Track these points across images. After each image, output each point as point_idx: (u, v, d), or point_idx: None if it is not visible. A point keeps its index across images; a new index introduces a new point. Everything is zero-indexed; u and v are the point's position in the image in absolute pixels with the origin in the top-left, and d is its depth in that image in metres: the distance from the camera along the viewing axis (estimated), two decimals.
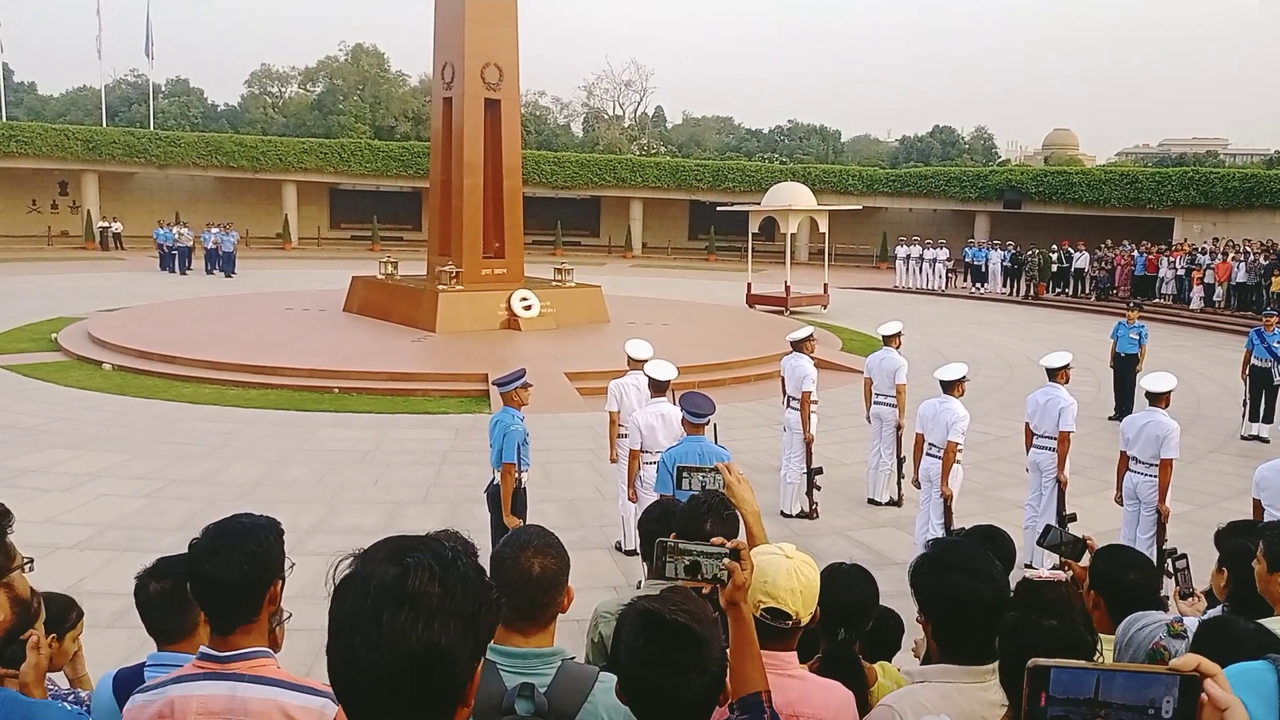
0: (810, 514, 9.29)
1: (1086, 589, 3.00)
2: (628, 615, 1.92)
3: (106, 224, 39.04)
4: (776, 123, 72.37)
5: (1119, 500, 7.79)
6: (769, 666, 2.20)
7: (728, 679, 1.98)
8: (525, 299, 19.76)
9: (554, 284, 21.46)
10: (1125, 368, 14.18)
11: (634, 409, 8.18)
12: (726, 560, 2.00)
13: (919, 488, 8.26)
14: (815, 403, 9.57)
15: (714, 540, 2.06)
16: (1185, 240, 31.66)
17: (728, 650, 2.02)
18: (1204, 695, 1.09)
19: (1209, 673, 1.09)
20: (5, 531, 1.89)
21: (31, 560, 1.99)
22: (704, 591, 2.08)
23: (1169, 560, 3.73)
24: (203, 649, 2.24)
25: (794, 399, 9.53)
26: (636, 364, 8.57)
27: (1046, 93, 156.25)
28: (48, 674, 2.49)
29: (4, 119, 42.99)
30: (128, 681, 2.46)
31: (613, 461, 8.73)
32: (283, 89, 60.19)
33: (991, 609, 2.26)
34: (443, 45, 20.89)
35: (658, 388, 7.77)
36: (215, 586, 2.18)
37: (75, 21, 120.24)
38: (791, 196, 27.01)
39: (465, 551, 1.39)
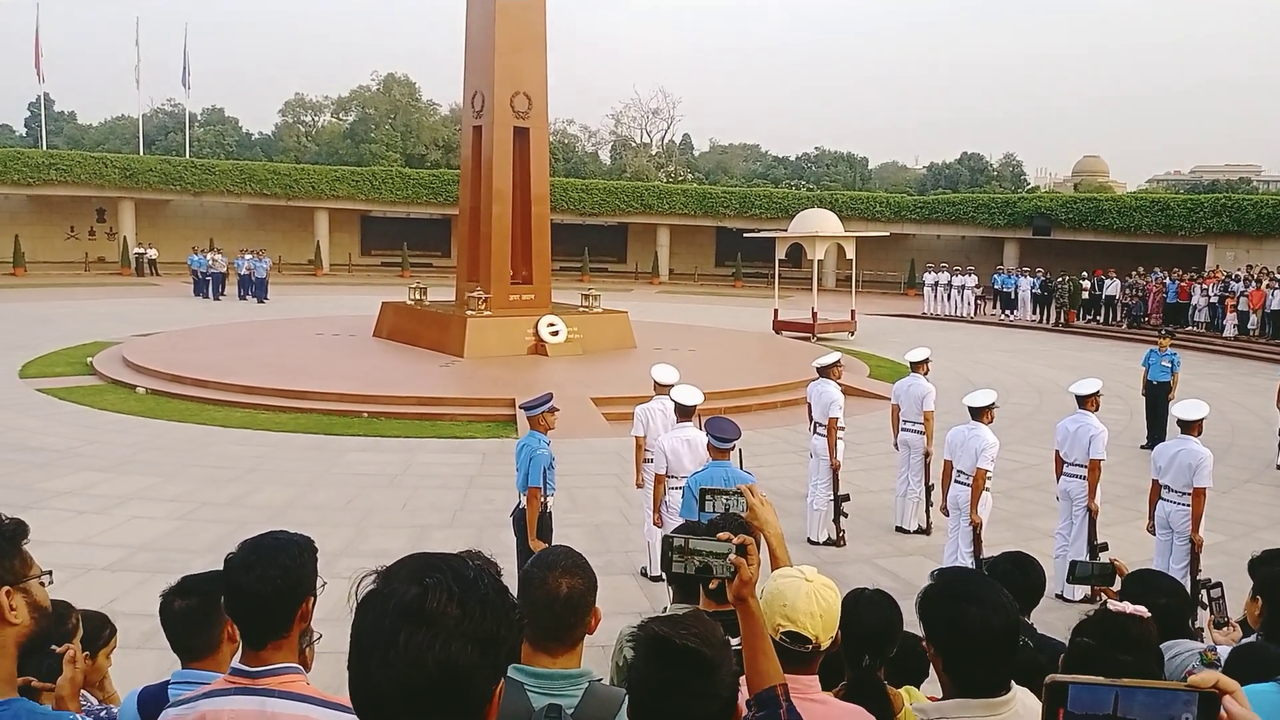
0: (837, 541, 9.22)
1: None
2: (638, 640, 1.93)
3: (142, 250, 39.72)
4: (804, 150, 72.87)
5: (1151, 530, 7.68)
6: (789, 691, 2.19)
7: (740, 698, 1.97)
8: (552, 324, 19.86)
9: (581, 310, 21.56)
10: (1157, 396, 14.01)
11: (660, 434, 8.18)
12: (732, 556, 2.01)
13: (948, 515, 8.20)
14: (842, 429, 9.52)
15: (720, 535, 2.07)
16: (1218, 267, 31.32)
17: (740, 677, 2.01)
18: (1223, 712, 1.09)
19: (1228, 689, 1.09)
20: (20, 540, 1.95)
21: (50, 573, 2.04)
22: (711, 586, 2.08)
23: (1204, 590, 3.69)
24: (234, 664, 2.27)
25: (820, 425, 9.49)
26: (663, 389, 8.59)
27: (1076, 120, 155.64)
28: (81, 690, 2.54)
29: (44, 148, 43.98)
30: (152, 699, 2.50)
31: (638, 486, 8.74)
32: (316, 118, 61.22)
33: (1002, 639, 2.24)
34: (473, 75, 21.19)
35: (684, 413, 7.78)
36: (249, 599, 2.21)
37: (115, 52, 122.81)
38: (818, 223, 27.04)
39: (488, 571, 1.41)
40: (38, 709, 1.83)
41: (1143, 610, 2.24)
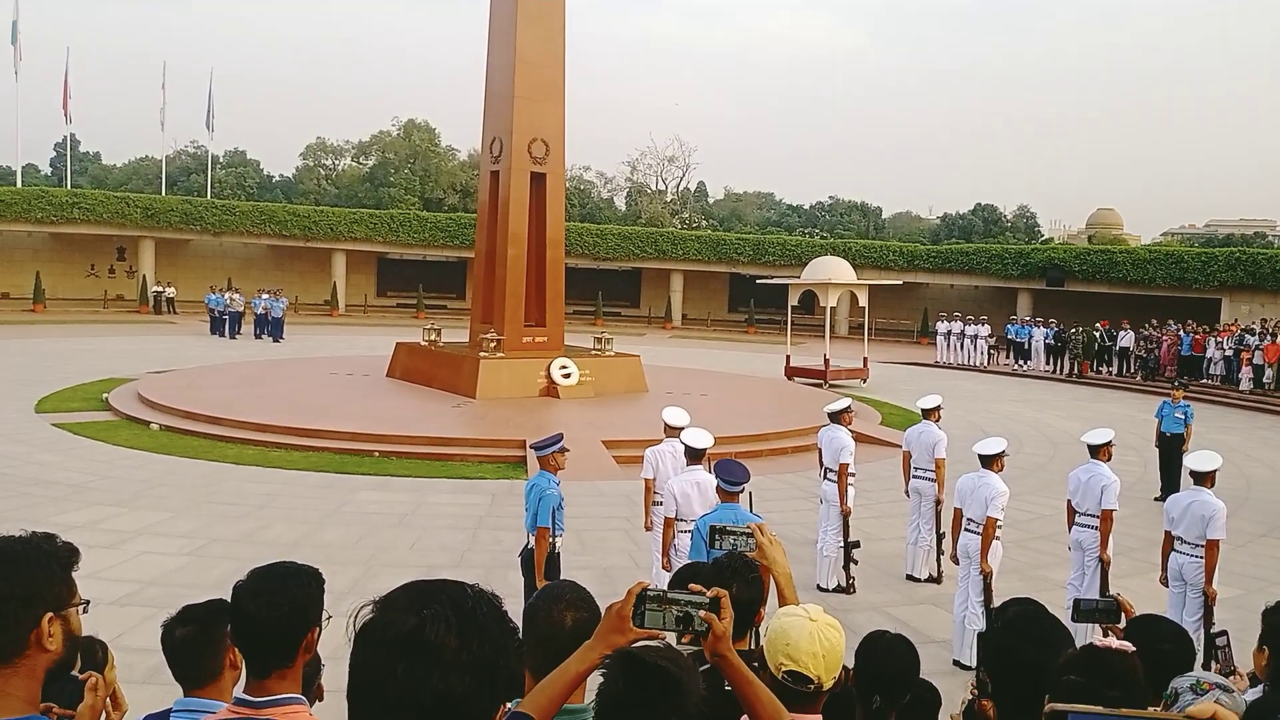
0: (847, 589, 9.15)
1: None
2: (609, 660, 1.93)
3: (160, 289, 40.12)
4: (818, 198, 73.22)
5: (1164, 581, 7.60)
6: None
7: None
8: (565, 367, 19.91)
9: (593, 353, 21.62)
10: (1171, 448, 13.91)
11: (670, 476, 8.17)
12: (704, 612, 1.96)
13: (958, 564, 8.13)
14: (853, 475, 9.48)
15: (692, 587, 2.03)
16: (1235, 320, 31.22)
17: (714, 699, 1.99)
18: None
19: None
20: (72, 567, 1.98)
21: (88, 602, 2.07)
22: (684, 640, 2.06)
23: (1212, 640, 3.66)
24: (238, 694, 2.28)
25: (831, 470, 9.47)
26: (673, 431, 8.59)
27: (1091, 173, 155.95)
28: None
29: (68, 186, 44.66)
30: None
31: (647, 529, 8.71)
32: (336, 161, 62.04)
33: (1048, 676, 2.23)
34: (492, 120, 21.49)
35: (694, 456, 7.76)
36: (255, 626, 2.23)
37: (141, 95, 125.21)
38: (831, 270, 27.13)
39: (486, 599, 1.41)
40: None
41: (1127, 645, 2.26)
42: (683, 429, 8.25)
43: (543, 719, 1.93)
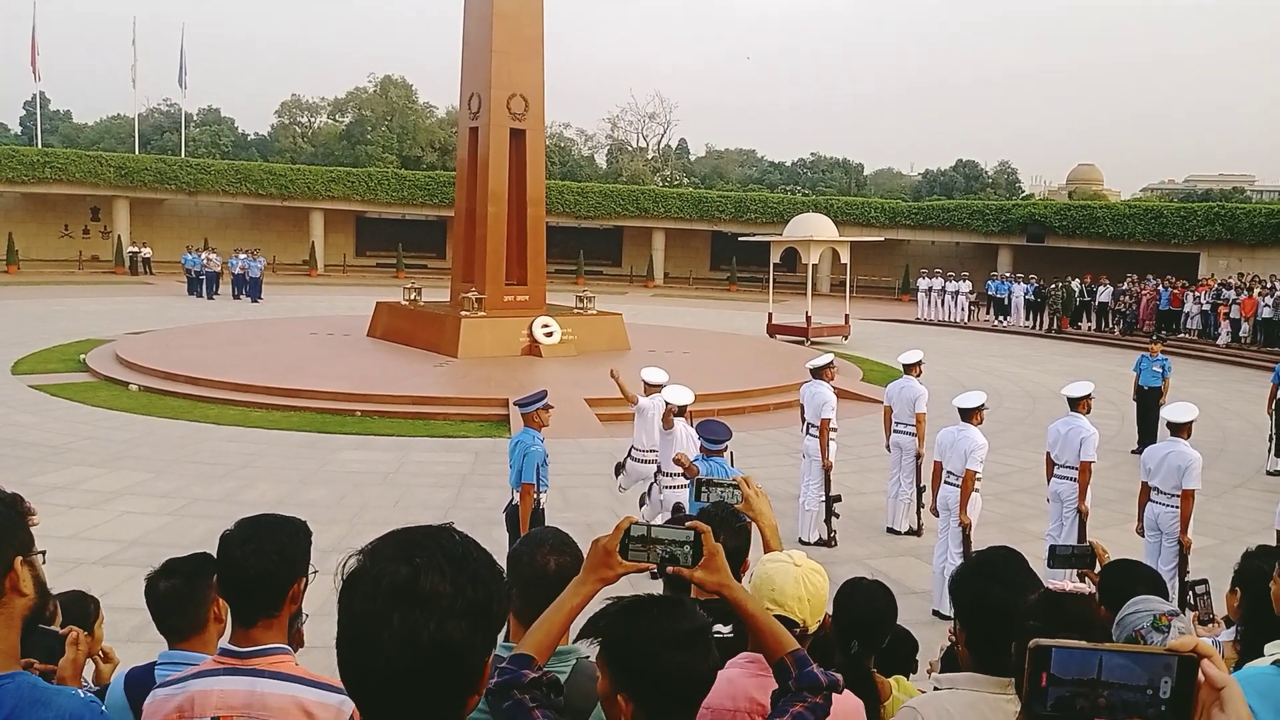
0: (829, 542, 9.25)
1: (1097, 603, 3.00)
2: (629, 610, 1.93)
3: (136, 249, 39.64)
4: (799, 155, 72.95)
5: (1140, 531, 7.72)
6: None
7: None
8: (547, 326, 19.87)
9: (575, 311, 21.58)
10: (1148, 401, 14.06)
11: (655, 430, 8.24)
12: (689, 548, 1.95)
13: (938, 516, 8.22)
14: (834, 430, 9.56)
15: (688, 525, 2.03)
16: (1212, 275, 31.46)
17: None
18: (1201, 676, 1.11)
19: (1206, 653, 1.12)
20: (24, 513, 1.96)
21: (44, 552, 2.06)
22: (670, 570, 2.04)
23: (1190, 588, 3.73)
24: (223, 645, 2.28)
25: (813, 426, 9.53)
26: (653, 389, 8.63)
27: (1071, 129, 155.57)
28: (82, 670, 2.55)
29: (39, 146, 43.87)
30: (139, 680, 2.52)
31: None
32: (312, 119, 61.06)
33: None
34: (470, 76, 21.21)
35: (675, 412, 7.81)
36: (243, 574, 2.24)
37: (111, 52, 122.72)
38: (813, 227, 27.11)
39: (474, 543, 1.42)
40: (40, 683, 1.83)
41: (1083, 588, 2.29)
42: (662, 386, 8.28)
43: (542, 656, 1.95)
